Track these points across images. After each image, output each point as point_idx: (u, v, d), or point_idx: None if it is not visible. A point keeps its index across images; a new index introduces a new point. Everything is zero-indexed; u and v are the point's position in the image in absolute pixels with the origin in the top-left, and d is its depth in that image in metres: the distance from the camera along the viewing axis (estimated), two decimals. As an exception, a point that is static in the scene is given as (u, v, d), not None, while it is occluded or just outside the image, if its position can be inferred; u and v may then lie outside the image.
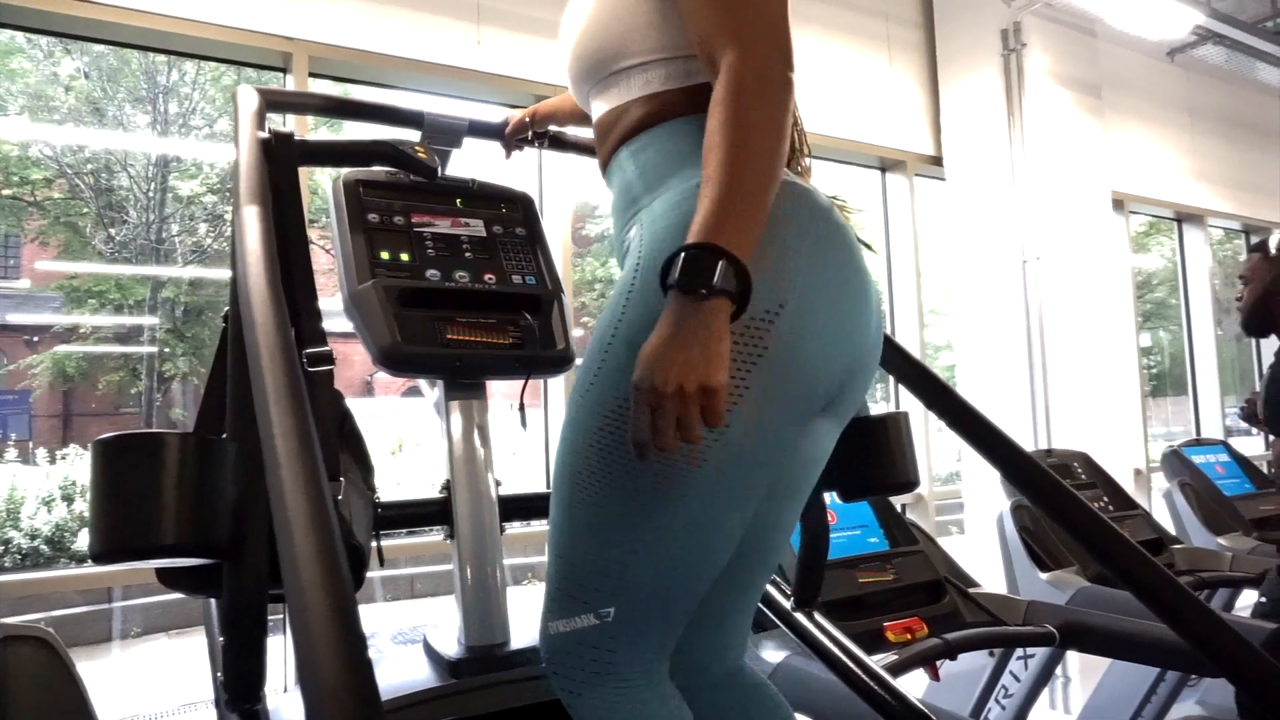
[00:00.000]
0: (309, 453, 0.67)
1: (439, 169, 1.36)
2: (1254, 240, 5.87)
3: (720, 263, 0.79)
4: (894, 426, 1.26)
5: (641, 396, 0.79)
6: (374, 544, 1.18)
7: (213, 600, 1.11)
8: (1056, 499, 1.18)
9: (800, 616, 1.53)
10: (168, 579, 1.00)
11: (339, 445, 1.09)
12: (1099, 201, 4.23)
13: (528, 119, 1.58)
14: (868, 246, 1.05)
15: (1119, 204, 4.71)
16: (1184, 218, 5.51)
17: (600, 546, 0.89)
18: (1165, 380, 9.87)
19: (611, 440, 0.87)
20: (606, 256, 10.79)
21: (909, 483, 1.26)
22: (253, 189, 0.97)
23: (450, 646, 1.36)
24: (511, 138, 1.60)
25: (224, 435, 0.98)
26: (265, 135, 1.09)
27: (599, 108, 1.06)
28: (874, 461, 1.24)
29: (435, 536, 1.74)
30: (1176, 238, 5.67)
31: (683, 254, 0.81)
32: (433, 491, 1.44)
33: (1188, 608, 1.15)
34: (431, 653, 1.37)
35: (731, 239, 0.80)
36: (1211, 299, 5.51)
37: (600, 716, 0.91)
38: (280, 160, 1.08)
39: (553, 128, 1.61)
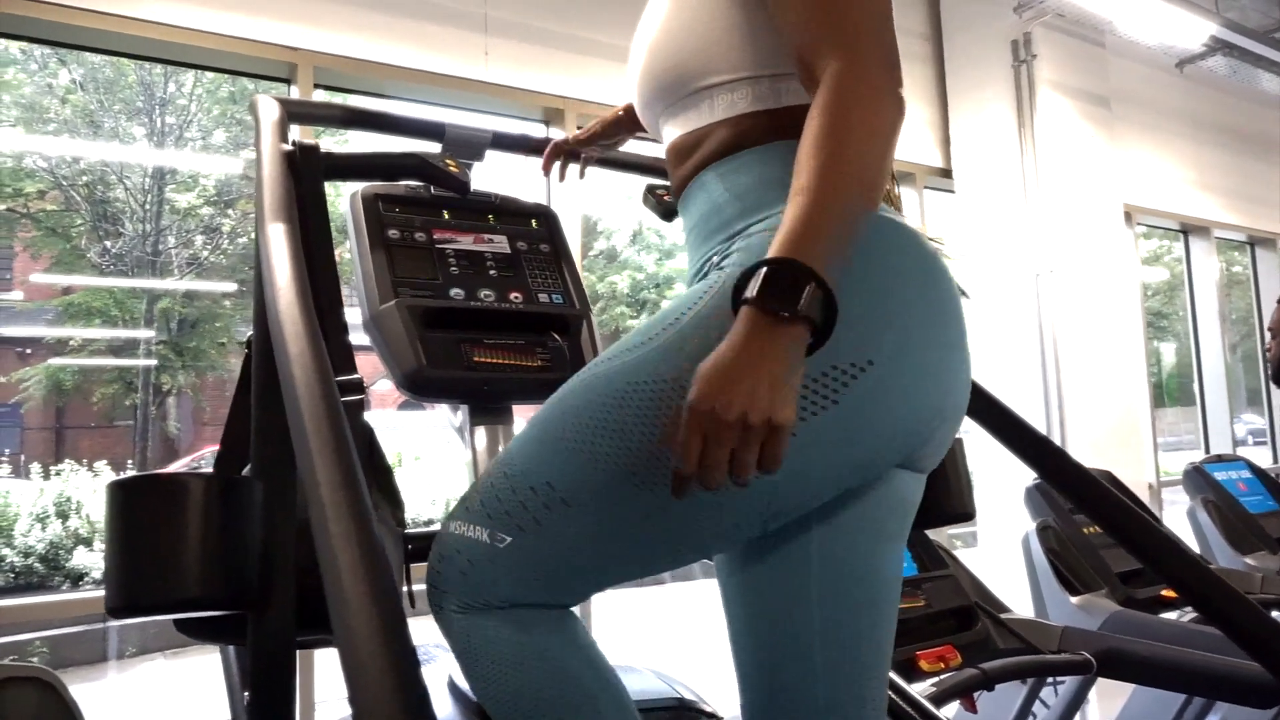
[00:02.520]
0: (357, 497, 0.60)
1: (469, 184, 1.30)
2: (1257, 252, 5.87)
3: (809, 285, 0.69)
4: (949, 454, 1.19)
5: (696, 420, 0.69)
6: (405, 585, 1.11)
7: (231, 647, 1.04)
8: (1129, 523, 1.12)
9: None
10: (185, 627, 0.93)
11: (369, 480, 1.02)
12: (1111, 214, 4.20)
13: (570, 145, 1.47)
14: (963, 293, 0.93)
15: (1127, 216, 4.68)
16: (1190, 229, 5.48)
17: (548, 482, 0.79)
18: (1163, 391, 9.90)
19: (634, 414, 0.77)
20: (604, 270, 10.72)
21: (966, 514, 1.19)
22: (278, 205, 0.90)
23: (477, 686, 1.29)
24: (556, 161, 1.48)
25: (245, 472, 0.91)
26: (289, 147, 1.02)
27: (672, 131, 0.96)
28: (929, 491, 1.17)
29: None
30: (1183, 248, 5.64)
31: (764, 268, 0.70)
32: (433, 509, 1.36)
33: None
34: (457, 692, 1.29)
35: (822, 259, 0.70)
36: (1218, 311, 5.48)
37: (462, 636, 0.81)
38: (305, 174, 1.01)
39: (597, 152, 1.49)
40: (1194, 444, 5.76)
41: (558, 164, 1.50)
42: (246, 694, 0.85)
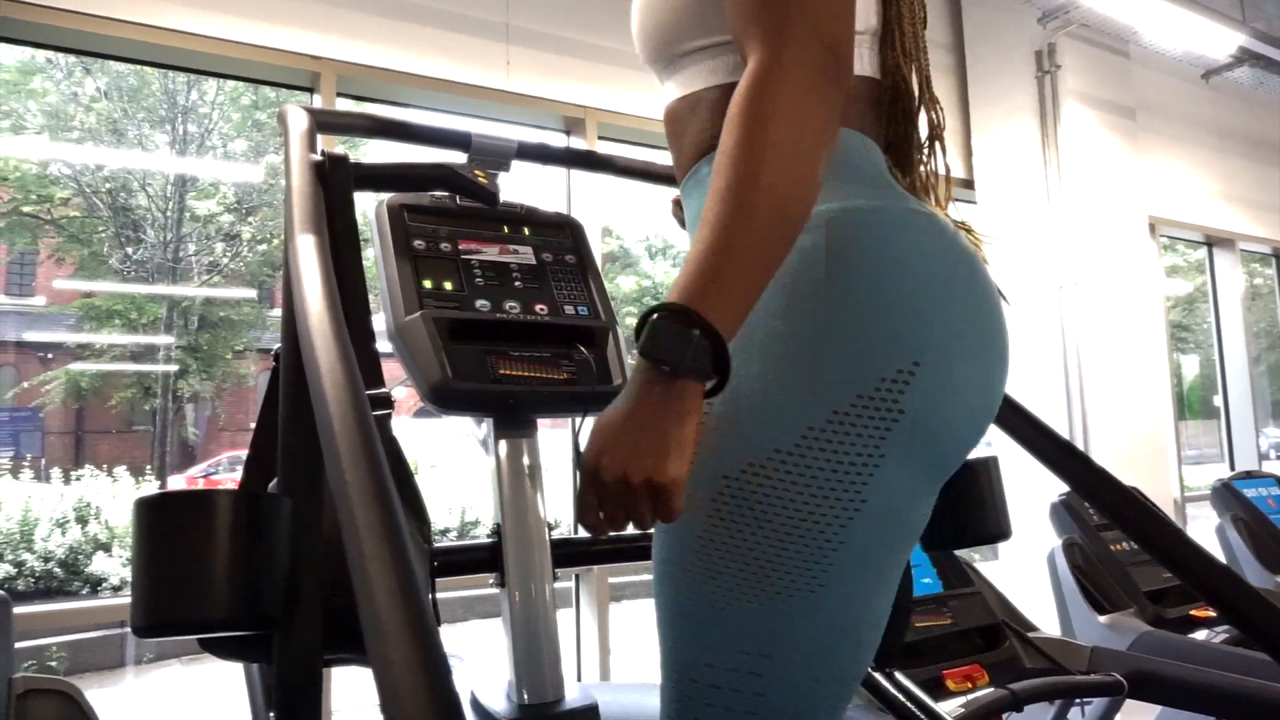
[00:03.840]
0: (392, 517, 0.59)
1: (499, 194, 1.29)
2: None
3: (694, 334, 0.63)
4: (985, 472, 1.17)
5: (584, 477, 0.67)
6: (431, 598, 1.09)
7: (255, 665, 1.03)
8: (1166, 538, 1.09)
9: (879, 675, 1.42)
10: (209, 644, 0.92)
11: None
12: (1136, 226, 4.15)
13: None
14: (1002, 296, 0.88)
15: (1152, 228, 4.63)
16: (1214, 241, 5.42)
17: (725, 656, 0.72)
18: (1184, 404, 9.79)
19: (724, 526, 0.71)
20: (615, 276, 10.77)
21: (1001, 534, 1.17)
22: (308, 217, 0.89)
23: (499, 703, 1.27)
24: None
25: (270, 488, 0.90)
26: (318, 158, 1.01)
27: (670, 91, 0.90)
28: (964, 510, 1.15)
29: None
30: (1204, 259, 5.58)
31: (653, 315, 0.65)
32: (449, 518, 1.35)
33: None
34: (480, 710, 1.28)
35: (715, 304, 0.64)
36: (1242, 324, 5.41)
37: None
38: (334, 185, 1.00)
39: None
40: (1215, 457, 5.69)
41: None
42: (272, 714, 0.84)
